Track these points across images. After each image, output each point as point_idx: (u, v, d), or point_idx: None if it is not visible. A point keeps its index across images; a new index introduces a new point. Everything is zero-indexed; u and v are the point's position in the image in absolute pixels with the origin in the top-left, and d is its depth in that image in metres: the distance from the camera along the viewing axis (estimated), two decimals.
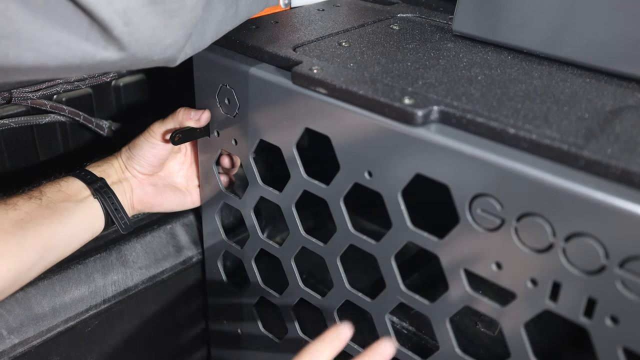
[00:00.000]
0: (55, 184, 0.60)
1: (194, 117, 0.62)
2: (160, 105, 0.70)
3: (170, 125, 0.63)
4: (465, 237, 0.45)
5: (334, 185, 0.53)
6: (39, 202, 0.57)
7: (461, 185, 0.44)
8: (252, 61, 0.57)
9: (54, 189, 0.59)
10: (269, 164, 0.80)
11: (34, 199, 0.57)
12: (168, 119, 0.63)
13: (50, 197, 0.58)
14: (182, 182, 0.69)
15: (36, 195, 0.57)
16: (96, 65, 0.40)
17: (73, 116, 0.68)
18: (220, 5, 0.48)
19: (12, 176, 0.67)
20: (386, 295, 0.54)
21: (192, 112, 0.62)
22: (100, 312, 0.68)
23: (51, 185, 0.59)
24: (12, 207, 0.55)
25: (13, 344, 0.63)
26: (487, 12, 0.60)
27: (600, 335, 0.41)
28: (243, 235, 0.80)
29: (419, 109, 0.45)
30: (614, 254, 0.38)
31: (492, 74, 0.53)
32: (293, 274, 0.62)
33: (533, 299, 0.43)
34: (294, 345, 0.67)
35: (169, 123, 0.63)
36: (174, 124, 0.63)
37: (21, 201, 0.56)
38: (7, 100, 0.64)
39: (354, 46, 0.59)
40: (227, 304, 0.75)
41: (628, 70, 0.53)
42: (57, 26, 0.37)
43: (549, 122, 0.44)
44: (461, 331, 0.70)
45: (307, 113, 0.53)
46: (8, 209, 0.55)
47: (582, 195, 0.38)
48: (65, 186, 0.60)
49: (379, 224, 0.84)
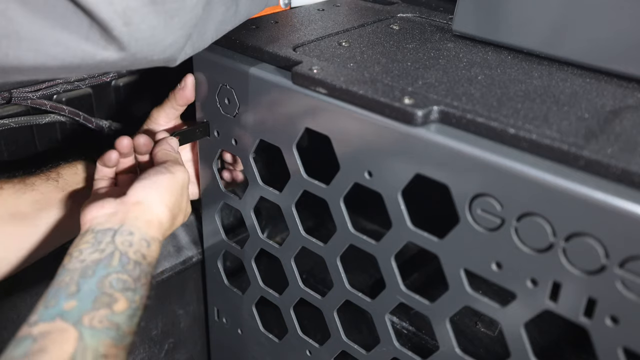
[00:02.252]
0: (72, 167, 0.61)
1: (180, 86, 0.62)
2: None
3: (169, 108, 0.63)
4: (465, 237, 0.45)
5: (334, 185, 0.53)
6: (56, 184, 0.58)
7: (461, 185, 0.44)
8: (252, 61, 0.57)
9: (70, 171, 0.61)
10: (269, 164, 0.80)
11: (51, 180, 0.58)
12: (165, 102, 0.64)
13: (67, 180, 0.59)
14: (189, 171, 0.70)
15: (54, 177, 0.59)
16: (96, 65, 0.40)
17: (73, 116, 0.68)
18: (220, 5, 0.48)
19: (12, 176, 0.67)
20: (386, 295, 0.54)
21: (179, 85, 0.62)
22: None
23: (69, 167, 0.61)
24: (30, 187, 0.56)
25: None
26: (487, 12, 0.60)
27: (600, 335, 0.41)
28: (243, 235, 0.80)
29: (419, 109, 0.45)
30: (614, 254, 0.38)
31: (492, 74, 0.53)
32: (293, 274, 0.62)
33: (533, 299, 0.43)
34: (294, 345, 0.67)
35: (166, 106, 0.63)
36: (171, 105, 0.63)
37: (39, 181, 0.57)
38: (7, 100, 0.64)
39: (354, 46, 0.59)
40: (227, 304, 0.75)
41: (628, 70, 0.53)
42: (57, 26, 0.37)
43: (549, 122, 0.44)
44: (461, 331, 0.70)
45: (307, 113, 0.53)
46: (26, 189, 0.56)
47: (582, 195, 0.38)
48: (82, 169, 0.61)
49: (379, 224, 0.84)
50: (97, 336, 0.42)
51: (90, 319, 0.42)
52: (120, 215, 0.50)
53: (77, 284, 0.44)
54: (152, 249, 0.50)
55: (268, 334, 0.70)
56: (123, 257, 0.47)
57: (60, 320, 0.41)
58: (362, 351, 0.59)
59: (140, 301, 0.47)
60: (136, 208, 0.51)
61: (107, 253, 0.47)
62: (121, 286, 0.45)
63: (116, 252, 0.47)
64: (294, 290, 0.63)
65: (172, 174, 0.54)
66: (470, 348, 0.68)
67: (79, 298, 0.43)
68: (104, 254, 0.47)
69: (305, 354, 0.66)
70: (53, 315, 0.42)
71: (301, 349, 0.66)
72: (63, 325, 0.41)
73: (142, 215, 0.51)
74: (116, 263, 0.46)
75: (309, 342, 0.65)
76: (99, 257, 0.46)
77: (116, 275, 0.46)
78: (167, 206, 0.53)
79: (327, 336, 0.62)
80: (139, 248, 0.49)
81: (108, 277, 0.45)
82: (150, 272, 0.49)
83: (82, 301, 0.43)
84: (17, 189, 0.56)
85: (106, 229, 0.49)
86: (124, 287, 0.46)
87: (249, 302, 0.70)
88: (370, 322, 0.58)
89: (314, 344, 0.65)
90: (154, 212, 0.52)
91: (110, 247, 0.47)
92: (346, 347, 0.61)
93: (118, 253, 0.47)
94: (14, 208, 0.55)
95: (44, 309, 0.43)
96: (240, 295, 0.71)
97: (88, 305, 0.43)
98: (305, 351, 0.66)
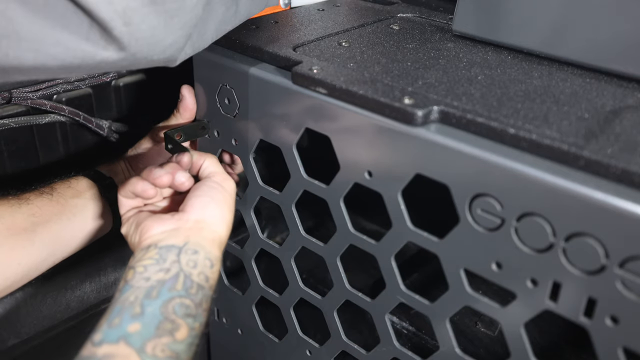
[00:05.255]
0: (65, 182, 0.61)
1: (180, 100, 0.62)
2: (160, 105, 0.70)
3: (173, 122, 0.64)
4: (465, 237, 0.45)
5: (334, 185, 0.53)
6: (50, 198, 0.58)
7: (461, 185, 0.44)
8: (252, 61, 0.57)
9: (64, 185, 0.61)
10: (269, 164, 0.79)
11: (45, 194, 0.58)
12: (170, 118, 0.65)
13: (60, 193, 0.59)
14: None
15: (47, 192, 0.59)
16: (96, 65, 0.40)
17: (73, 116, 0.68)
18: (220, 5, 0.48)
19: (12, 176, 0.67)
20: (386, 295, 0.54)
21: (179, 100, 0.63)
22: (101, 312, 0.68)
23: (62, 182, 0.61)
24: (24, 201, 0.57)
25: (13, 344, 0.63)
26: (487, 12, 0.60)
27: (600, 335, 0.41)
28: (243, 235, 0.80)
29: (419, 109, 0.45)
30: (614, 254, 0.38)
31: (492, 74, 0.53)
32: (293, 274, 0.62)
33: (533, 299, 0.43)
34: (294, 345, 0.67)
35: (172, 121, 0.64)
36: (176, 120, 0.64)
37: (33, 196, 0.58)
38: (7, 100, 0.64)
39: (354, 46, 0.59)
40: (227, 304, 0.75)
41: (628, 70, 0.53)
42: (57, 26, 0.37)
43: (549, 122, 0.44)
44: (461, 331, 0.70)
45: (307, 113, 0.53)
46: (21, 203, 0.56)
47: (582, 195, 0.38)
48: (75, 183, 0.61)
49: (379, 224, 0.84)
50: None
51: (153, 347, 0.42)
52: (184, 232, 0.50)
53: (141, 305, 0.44)
54: (214, 270, 0.50)
55: (268, 334, 0.70)
56: (187, 280, 0.47)
57: (124, 344, 0.42)
58: (362, 351, 0.59)
59: (199, 328, 0.46)
60: (198, 226, 0.51)
61: (172, 274, 0.47)
62: (183, 312, 0.45)
63: (181, 273, 0.47)
64: (294, 290, 0.63)
65: (223, 188, 0.55)
66: (470, 348, 0.68)
67: (143, 322, 0.43)
68: (169, 275, 0.47)
69: (305, 354, 0.66)
70: (117, 337, 0.42)
71: (301, 349, 0.66)
72: (127, 350, 0.41)
73: (205, 234, 0.51)
74: (180, 287, 0.46)
75: (309, 342, 0.65)
76: (164, 278, 0.46)
77: (180, 300, 0.46)
78: (226, 223, 0.53)
79: (327, 336, 0.62)
80: (202, 269, 0.49)
81: (172, 302, 0.45)
82: (211, 296, 0.49)
83: (145, 326, 0.43)
84: (12, 204, 0.56)
85: (170, 245, 0.48)
86: (186, 313, 0.46)
87: (249, 302, 0.70)
88: (370, 322, 0.58)
89: (314, 344, 0.65)
90: (215, 231, 0.52)
91: (175, 267, 0.47)
92: (346, 347, 0.61)
93: (182, 275, 0.47)
94: (10, 222, 0.55)
95: (107, 328, 0.43)
96: (240, 295, 0.71)
97: (151, 332, 0.43)
98: (305, 351, 0.66)
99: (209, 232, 0.51)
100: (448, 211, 0.47)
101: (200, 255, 0.49)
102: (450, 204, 0.45)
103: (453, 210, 0.45)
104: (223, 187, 0.55)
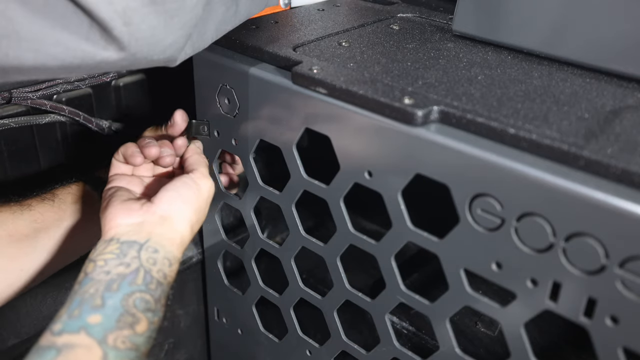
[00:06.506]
0: (66, 188, 0.62)
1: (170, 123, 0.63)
2: (160, 105, 0.70)
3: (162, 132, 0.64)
4: (465, 237, 0.45)
5: (334, 185, 0.53)
6: (52, 204, 0.59)
7: (461, 185, 0.44)
8: (252, 61, 0.57)
9: (65, 191, 0.61)
10: (269, 164, 0.79)
11: (46, 200, 0.59)
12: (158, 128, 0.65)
13: (62, 199, 0.60)
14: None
15: (49, 198, 0.59)
16: (96, 65, 0.40)
17: (73, 116, 0.68)
18: (220, 5, 0.48)
19: (12, 176, 0.67)
20: (386, 295, 0.54)
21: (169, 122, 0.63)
22: None
23: (63, 188, 0.62)
24: (26, 207, 0.57)
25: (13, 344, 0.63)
26: (487, 12, 0.60)
27: (600, 335, 0.41)
28: (243, 235, 0.80)
29: (419, 109, 0.45)
30: (614, 254, 0.38)
31: (492, 74, 0.53)
32: (293, 274, 0.62)
33: (533, 299, 0.43)
34: (294, 345, 0.67)
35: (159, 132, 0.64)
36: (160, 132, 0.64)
37: (34, 202, 0.58)
38: (7, 100, 0.64)
39: (354, 46, 0.59)
40: (227, 304, 0.75)
41: (628, 70, 0.53)
42: (57, 26, 0.37)
43: (549, 122, 0.44)
44: (461, 331, 0.70)
45: (307, 113, 0.53)
46: (23, 210, 0.57)
47: (582, 195, 0.38)
48: (76, 189, 0.62)
49: (379, 224, 0.84)
50: (120, 357, 0.42)
51: (114, 338, 0.43)
52: (147, 228, 0.50)
53: (101, 297, 0.44)
54: (172, 269, 0.50)
55: (268, 334, 0.70)
56: (147, 276, 0.47)
57: (84, 334, 0.42)
58: (362, 351, 0.59)
59: (158, 323, 0.47)
60: (162, 223, 0.51)
61: (132, 269, 0.47)
62: (143, 306, 0.46)
63: (141, 269, 0.47)
64: (294, 290, 0.63)
65: (198, 187, 0.55)
66: (470, 348, 0.68)
67: (104, 314, 0.44)
68: (129, 269, 0.47)
69: (305, 354, 0.66)
70: (77, 327, 0.42)
71: (301, 349, 0.66)
72: (88, 340, 0.41)
73: (167, 233, 0.51)
74: (140, 281, 0.47)
75: (309, 342, 0.65)
76: (124, 272, 0.47)
77: (140, 294, 0.46)
78: (190, 224, 0.53)
79: (327, 336, 0.62)
80: (161, 267, 0.49)
81: (132, 296, 0.46)
82: (168, 293, 0.50)
83: (106, 318, 0.43)
84: (14, 210, 0.56)
85: (132, 241, 0.49)
86: (146, 307, 0.46)
87: (249, 302, 0.70)
88: (370, 322, 0.58)
89: (314, 344, 0.65)
90: (178, 230, 0.52)
91: (135, 262, 0.47)
92: (346, 347, 0.61)
93: (143, 270, 0.47)
94: (12, 229, 0.55)
95: (67, 318, 0.43)
96: (240, 295, 0.71)
97: (112, 324, 0.43)
98: (305, 351, 0.66)
99: (171, 231, 0.51)
100: (448, 211, 0.47)
101: (159, 254, 0.49)
102: (450, 204, 0.46)
103: (453, 210, 0.45)
104: (198, 186, 0.55)
